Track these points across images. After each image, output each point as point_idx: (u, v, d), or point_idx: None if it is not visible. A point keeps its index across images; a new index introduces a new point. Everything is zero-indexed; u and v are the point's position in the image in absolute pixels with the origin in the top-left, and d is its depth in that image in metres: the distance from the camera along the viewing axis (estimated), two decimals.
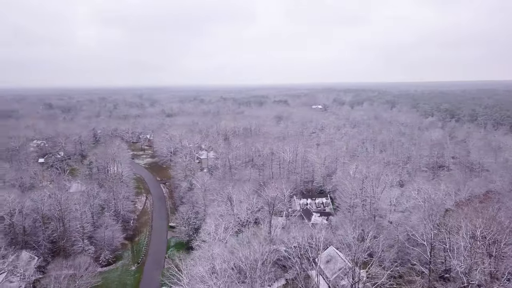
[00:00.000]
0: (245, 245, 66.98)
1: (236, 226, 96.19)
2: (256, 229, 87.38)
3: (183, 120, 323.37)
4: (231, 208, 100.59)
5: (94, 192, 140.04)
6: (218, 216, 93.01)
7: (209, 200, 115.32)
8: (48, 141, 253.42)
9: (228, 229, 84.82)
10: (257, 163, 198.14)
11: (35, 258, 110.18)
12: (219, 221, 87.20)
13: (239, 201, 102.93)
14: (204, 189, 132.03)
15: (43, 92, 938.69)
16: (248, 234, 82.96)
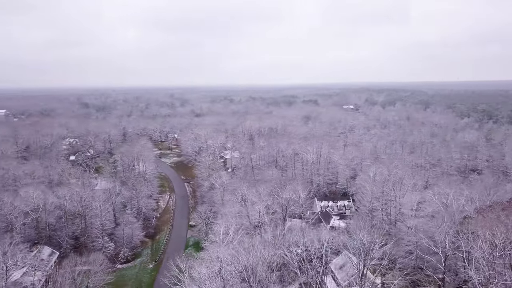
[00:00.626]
0: (246, 249, 65.59)
1: (249, 228, 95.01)
2: (270, 231, 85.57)
3: (211, 120, 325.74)
4: (245, 209, 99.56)
5: (116, 190, 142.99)
6: (231, 217, 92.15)
7: (225, 200, 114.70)
8: (80, 139, 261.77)
9: (239, 231, 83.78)
10: (280, 164, 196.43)
11: (56, 254, 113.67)
12: (230, 222, 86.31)
13: (253, 202, 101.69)
14: (222, 189, 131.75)
15: (83, 92, 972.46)
16: (256, 237, 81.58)
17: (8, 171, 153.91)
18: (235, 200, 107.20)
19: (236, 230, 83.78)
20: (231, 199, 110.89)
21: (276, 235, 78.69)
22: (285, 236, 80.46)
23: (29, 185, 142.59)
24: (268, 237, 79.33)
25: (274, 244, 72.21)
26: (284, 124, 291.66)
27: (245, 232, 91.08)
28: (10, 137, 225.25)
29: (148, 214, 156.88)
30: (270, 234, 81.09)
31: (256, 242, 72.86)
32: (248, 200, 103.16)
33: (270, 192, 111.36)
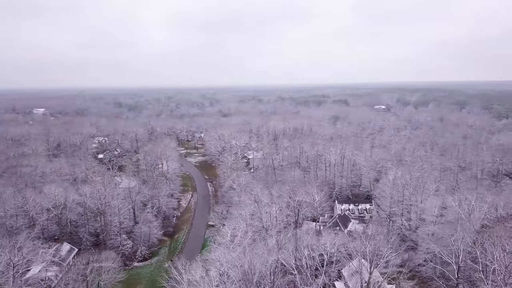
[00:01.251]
0: (247, 253, 63.82)
1: (262, 230, 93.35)
2: (274, 235, 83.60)
3: (237, 120, 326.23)
4: (258, 210, 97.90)
5: (136, 188, 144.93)
6: (242, 218, 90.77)
7: (241, 201, 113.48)
8: (109, 138, 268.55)
9: (248, 233, 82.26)
10: (303, 165, 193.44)
11: (75, 250, 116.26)
12: (239, 224, 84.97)
13: (266, 204, 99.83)
14: (239, 189, 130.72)
15: (119, 92, 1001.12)
16: (266, 240, 79.73)
17: (36, 168, 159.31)
18: (248, 202, 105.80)
19: (245, 233, 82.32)
20: (245, 200, 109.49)
21: (280, 239, 76.33)
22: (290, 240, 78.04)
23: (54, 182, 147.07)
24: (278, 240, 77.11)
25: (278, 249, 69.97)
26: (310, 124, 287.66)
27: (257, 235, 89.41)
28: (43, 135, 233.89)
29: (168, 213, 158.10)
30: (274, 238, 78.98)
31: (261, 245, 71.10)
32: (262, 202, 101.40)
33: (283, 194, 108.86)
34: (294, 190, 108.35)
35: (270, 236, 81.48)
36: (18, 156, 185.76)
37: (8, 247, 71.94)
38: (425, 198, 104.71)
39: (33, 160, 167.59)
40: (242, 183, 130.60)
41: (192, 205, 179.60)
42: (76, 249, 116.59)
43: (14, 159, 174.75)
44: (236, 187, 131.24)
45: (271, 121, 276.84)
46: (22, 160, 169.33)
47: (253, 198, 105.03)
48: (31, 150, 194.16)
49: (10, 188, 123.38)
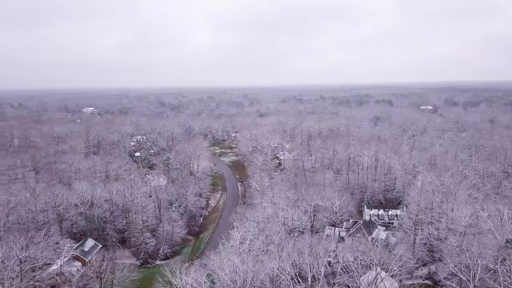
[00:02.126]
0: (246, 260, 61.17)
1: (278, 234, 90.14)
2: (277, 240, 79.85)
3: (272, 120, 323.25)
4: (275, 214, 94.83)
5: (162, 187, 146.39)
6: (256, 221, 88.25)
7: (260, 203, 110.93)
8: (147, 136, 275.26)
9: (259, 238, 79.56)
10: (335, 167, 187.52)
11: (99, 246, 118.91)
12: (251, 228, 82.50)
13: (283, 208, 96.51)
14: (262, 191, 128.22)
15: (163, 92, 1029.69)
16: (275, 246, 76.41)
17: (71, 165, 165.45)
18: (265, 204, 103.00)
19: (256, 237, 79.68)
20: (260, 203, 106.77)
21: (280, 246, 72.65)
22: (294, 247, 74.19)
23: (85, 179, 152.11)
24: (278, 247, 73.69)
25: (278, 256, 66.57)
26: (348, 125, 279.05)
27: (269, 240, 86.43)
28: (84, 133, 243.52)
29: (195, 212, 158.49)
30: (276, 244, 75.55)
31: (270, 251, 68.14)
32: (280, 205, 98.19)
33: (299, 199, 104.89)
34: (310, 194, 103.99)
35: (278, 243, 77.97)
36: (57, 153, 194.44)
37: (17, 243, 73.88)
38: (457, 206, 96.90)
39: (70, 157, 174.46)
40: (265, 184, 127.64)
41: (221, 205, 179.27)
42: (100, 245, 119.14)
43: (52, 156, 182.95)
44: (259, 188, 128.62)
45: (306, 121, 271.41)
46: (60, 157, 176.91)
47: (270, 201, 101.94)
48: (70, 148, 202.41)
49: (42, 183, 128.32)
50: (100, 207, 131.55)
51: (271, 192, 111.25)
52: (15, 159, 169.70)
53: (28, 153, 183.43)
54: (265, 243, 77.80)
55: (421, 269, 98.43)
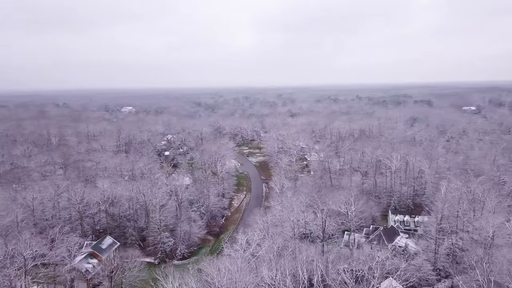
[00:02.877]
0: (240, 269, 58.56)
1: (287, 240, 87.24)
2: (264, 249, 76.39)
3: (302, 120, 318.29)
4: (285, 218, 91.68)
5: (183, 186, 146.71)
6: (264, 226, 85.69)
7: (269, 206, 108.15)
8: (177, 136, 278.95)
9: (265, 243, 76.90)
10: (362, 170, 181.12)
11: (117, 244, 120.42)
12: (259, 232, 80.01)
13: (293, 211, 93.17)
14: (281, 193, 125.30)
15: (202, 92, 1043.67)
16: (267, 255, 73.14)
17: (98, 163, 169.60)
18: (278, 208, 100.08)
19: (262, 241, 77.13)
20: (275, 206, 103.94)
21: (273, 256, 69.13)
22: (296, 257, 70.71)
23: (110, 177, 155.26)
24: (271, 257, 70.45)
25: (275, 266, 63.33)
26: (381, 126, 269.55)
27: (280, 245, 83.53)
28: (116, 132, 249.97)
29: (216, 212, 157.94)
30: (274, 251, 72.35)
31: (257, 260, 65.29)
32: (292, 209, 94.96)
33: (310, 202, 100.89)
34: (323, 198, 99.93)
35: (276, 250, 75.00)
36: (88, 151, 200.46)
37: (21, 241, 75.52)
38: (485, 215, 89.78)
39: (98, 155, 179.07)
40: (284, 186, 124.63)
41: (243, 206, 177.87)
42: (118, 243, 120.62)
43: (81, 154, 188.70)
44: (278, 190, 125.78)
45: (336, 122, 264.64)
46: (89, 155, 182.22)
47: (283, 204, 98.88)
48: (100, 146, 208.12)
49: (66, 181, 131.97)
50: (121, 205, 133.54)
51: (287, 195, 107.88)
52: (47, 157, 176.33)
53: (59, 150, 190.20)
54: (271, 249, 75.02)
55: (444, 281, 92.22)
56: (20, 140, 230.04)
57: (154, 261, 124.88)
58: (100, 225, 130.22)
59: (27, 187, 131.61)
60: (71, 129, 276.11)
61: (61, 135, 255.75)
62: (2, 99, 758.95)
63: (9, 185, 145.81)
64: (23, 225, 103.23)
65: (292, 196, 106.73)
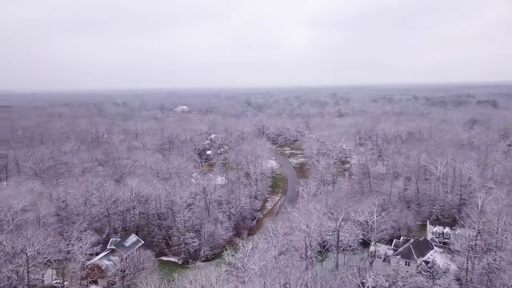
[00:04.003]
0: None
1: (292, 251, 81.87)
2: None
3: (350, 121, 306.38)
4: (305, 226, 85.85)
5: (212, 186, 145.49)
6: (274, 233, 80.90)
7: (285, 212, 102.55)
8: (219, 135, 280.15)
9: (270, 252, 72.32)
10: (405, 175, 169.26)
11: (141, 242, 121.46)
12: (257, 242, 75.54)
13: (313, 220, 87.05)
14: (308, 198, 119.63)
15: (254, 91, 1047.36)
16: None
17: (136, 161, 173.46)
18: (295, 215, 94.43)
19: (265, 252, 72.62)
20: (292, 212, 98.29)
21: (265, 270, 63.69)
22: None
23: (145, 175, 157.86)
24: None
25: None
26: (433, 128, 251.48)
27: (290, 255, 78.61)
28: (159, 130, 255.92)
29: (246, 214, 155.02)
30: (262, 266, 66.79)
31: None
32: (313, 217, 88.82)
33: (325, 210, 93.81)
34: (338, 205, 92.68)
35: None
36: (129, 149, 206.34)
37: (22, 239, 77.05)
38: None
39: (137, 153, 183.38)
40: (311, 190, 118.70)
41: (277, 208, 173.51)
42: (142, 241, 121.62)
43: (121, 152, 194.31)
44: (305, 196, 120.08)
45: (383, 123, 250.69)
46: (128, 153, 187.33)
47: (298, 210, 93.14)
48: (141, 144, 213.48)
49: (99, 178, 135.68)
50: (149, 204, 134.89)
51: (307, 200, 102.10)
52: (90, 153, 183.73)
53: (102, 147, 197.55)
54: (276, 260, 70.46)
55: None
56: (71, 137, 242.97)
57: (177, 261, 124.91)
58: (129, 223, 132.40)
59: (66, 183, 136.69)
60: (118, 127, 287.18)
61: (108, 132, 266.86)
62: (69, 98, 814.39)
63: (51, 180, 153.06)
64: (46, 220, 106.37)
65: (309, 203, 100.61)
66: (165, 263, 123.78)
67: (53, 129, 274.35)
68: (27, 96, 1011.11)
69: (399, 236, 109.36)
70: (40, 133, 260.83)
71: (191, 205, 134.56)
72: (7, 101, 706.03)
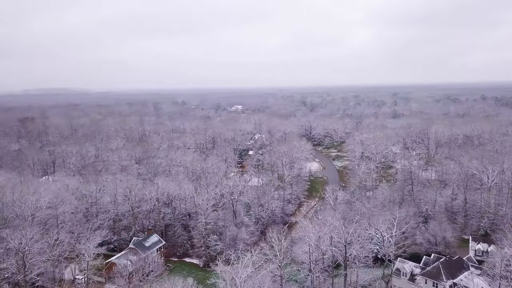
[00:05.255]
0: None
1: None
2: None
3: (403, 122, 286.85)
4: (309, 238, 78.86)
5: (239, 188, 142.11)
6: (278, 247, 74.84)
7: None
8: (262, 136, 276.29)
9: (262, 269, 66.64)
10: (454, 183, 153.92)
11: (162, 243, 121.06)
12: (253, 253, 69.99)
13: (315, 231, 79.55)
14: (335, 206, 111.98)
15: (313, 91, 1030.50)
16: None
17: (171, 160, 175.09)
18: (308, 225, 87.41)
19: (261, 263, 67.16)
20: (301, 221, 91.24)
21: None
22: None
23: (177, 175, 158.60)
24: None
25: None
26: (495, 132, 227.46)
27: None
28: (203, 129, 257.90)
29: (276, 218, 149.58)
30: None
31: None
32: (326, 228, 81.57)
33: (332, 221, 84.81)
34: (347, 218, 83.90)
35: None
36: (168, 148, 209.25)
37: (17, 239, 78.01)
38: None
39: (172, 152, 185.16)
40: (338, 198, 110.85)
41: (311, 213, 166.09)
42: (164, 242, 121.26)
43: (160, 151, 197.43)
44: (332, 202, 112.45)
45: (438, 125, 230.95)
46: (165, 152, 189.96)
47: (306, 220, 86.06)
48: (181, 143, 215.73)
49: (127, 176, 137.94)
50: (175, 204, 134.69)
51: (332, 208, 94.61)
52: (129, 152, 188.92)
53: (141, 145, 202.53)
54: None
55: None
56: (120, 135, 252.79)
57: (199, 264, 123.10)
58: (155, 222, 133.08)
59: (98, 180, 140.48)
60: (165, 126, 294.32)
61: (155, 131, 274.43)
62: (134, 96, 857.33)
63: (89, 176, 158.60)
64: (65, 217, 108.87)
65: (327, 211, 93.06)
66: (187, 264, 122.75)
67: (106, 127, 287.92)
68: (100, 95, 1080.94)
69: (437, 252, 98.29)
70: (93, 130, 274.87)
71: (215, 206, 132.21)
72: (78, 99, 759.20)
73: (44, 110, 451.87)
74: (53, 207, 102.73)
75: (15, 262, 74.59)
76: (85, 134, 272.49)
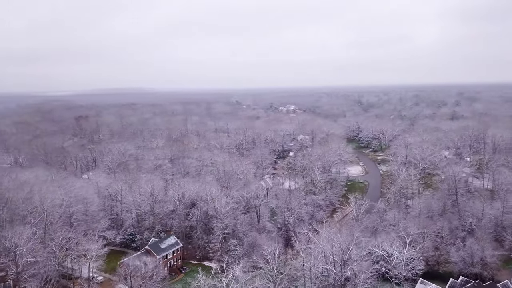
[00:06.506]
0: None
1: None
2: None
3: (460, 124, 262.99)
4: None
5: (264, 192, 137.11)
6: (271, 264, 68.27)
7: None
8: (309, 136, 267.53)
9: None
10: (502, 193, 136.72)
11: (179, 245, 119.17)
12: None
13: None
14: (358, 219, 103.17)
15: (369, 90, 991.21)
16: None
17: (203, 160, 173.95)
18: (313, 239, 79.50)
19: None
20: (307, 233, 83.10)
21: None
22: None
23: (206, 175, 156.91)
24: None
25: None
26: None
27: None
28: (243, 129, 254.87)
29: (303, 225, 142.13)
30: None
31: None
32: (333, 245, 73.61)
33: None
34: (346, 235, 74.36)
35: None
36: (205, 147, 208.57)
37: (10, 237, 78.42)
38: None
39: (205, 153, 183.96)
40: (363, 207, 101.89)
41: (345, 221, 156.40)
42: (181, 244, 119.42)
43: (193, 151, 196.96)
44: (355, 213, 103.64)
45: (493, 129, 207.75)
46: (199, 152, 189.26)
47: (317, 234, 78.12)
48: (217, 144, 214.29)
49: (147, 175, 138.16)
50: (197, 206, 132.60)
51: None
52: (164, 151, 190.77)
53: (175, 145, 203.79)
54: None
55: None
56: (163, 134, 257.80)
57: (216, 268, 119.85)
58: (176, 223, 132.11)
59: (126, 179, 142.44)
60: (208, 126, 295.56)
61: (197, 130, 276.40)
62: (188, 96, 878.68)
63: (121, 174, 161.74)
64: (78, 217, 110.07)
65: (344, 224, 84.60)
66: (205, 268, 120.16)
67: (153, 126, 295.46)
68: (160, 95, 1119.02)
69: (474, 274, 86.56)
70: (140, 129, 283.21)
71: (237, 210, 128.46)
72: (136, 99, 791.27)
73: (101, 109, 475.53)
74: (67, 205, 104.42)
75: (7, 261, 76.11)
76: (133, 133, 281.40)
